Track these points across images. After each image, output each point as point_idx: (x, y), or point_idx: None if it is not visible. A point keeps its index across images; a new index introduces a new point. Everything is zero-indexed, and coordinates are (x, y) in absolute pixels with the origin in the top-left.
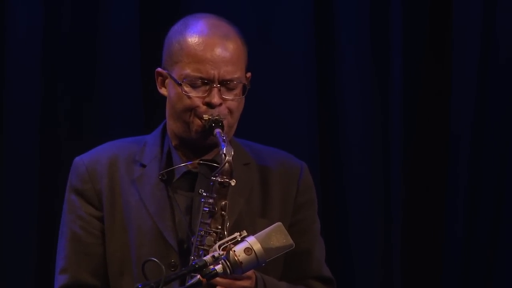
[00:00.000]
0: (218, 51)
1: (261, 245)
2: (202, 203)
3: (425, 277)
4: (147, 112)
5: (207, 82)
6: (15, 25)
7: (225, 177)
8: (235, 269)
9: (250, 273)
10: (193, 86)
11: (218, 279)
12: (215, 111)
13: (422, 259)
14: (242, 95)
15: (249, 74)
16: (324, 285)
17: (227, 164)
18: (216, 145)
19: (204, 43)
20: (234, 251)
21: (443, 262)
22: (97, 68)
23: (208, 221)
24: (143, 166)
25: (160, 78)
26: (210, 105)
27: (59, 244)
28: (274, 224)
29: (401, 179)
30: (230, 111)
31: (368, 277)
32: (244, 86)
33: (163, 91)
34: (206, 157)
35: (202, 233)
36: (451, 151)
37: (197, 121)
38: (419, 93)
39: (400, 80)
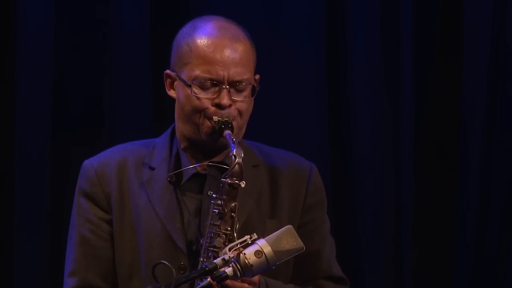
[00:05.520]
0: (228, 52)
1: (271, 248)
2: (212, 204)
3: (436, 277)
4: (157, 115)
5: (216, 83)
6: (25, 26)
7: (235, 178)
8: (246, 272)
9: (255, 278)
10: (203, 88)
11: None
12: (224, 113)
13: (433, 259)
14: (252, 97)
15: (258, 76)
16: (335, 284)
17: (237, 165)
18: (225, 147)
19: (214, 44)
20: (245, 254)
21: (455, 263)
22: (107, 71)
23: (218, 223)
24: (152, 169)
25: (169, 80)
26: (219, 107)
27: (68, 247)
28: (285, 227)
29: (411, 180)
30: (240, 112)
31: (379, 279)
32: (253, 88)
33: (171, 93)
34: (215, 159)
35: (212, 234)
36: (462, 153)
37: (207, 123)
38: (430, 95)
39: (410, 82)
